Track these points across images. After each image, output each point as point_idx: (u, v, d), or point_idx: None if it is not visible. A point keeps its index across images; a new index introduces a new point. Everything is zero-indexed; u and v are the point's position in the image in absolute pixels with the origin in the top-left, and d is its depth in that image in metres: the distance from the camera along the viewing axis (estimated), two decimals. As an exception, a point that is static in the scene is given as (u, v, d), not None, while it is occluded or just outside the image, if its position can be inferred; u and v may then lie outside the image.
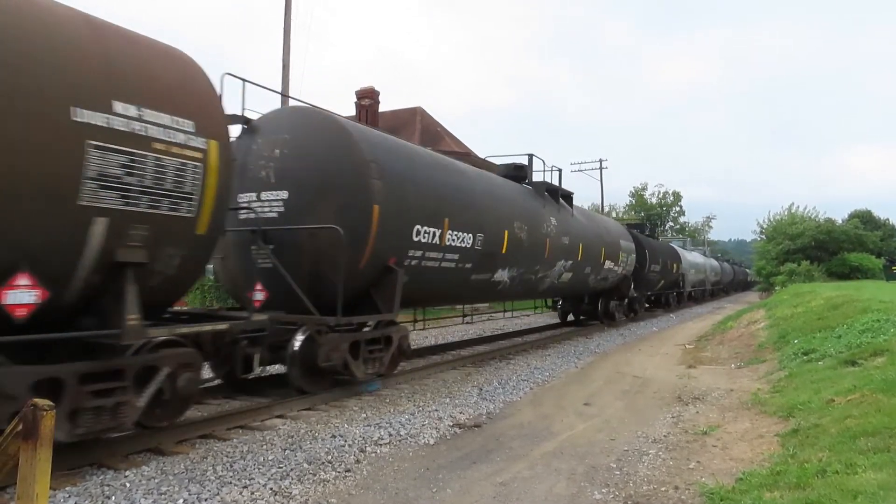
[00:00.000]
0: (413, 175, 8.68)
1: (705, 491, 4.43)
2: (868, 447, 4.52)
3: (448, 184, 9.51)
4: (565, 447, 5.82)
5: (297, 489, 4.62)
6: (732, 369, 10.58)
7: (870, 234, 42.24)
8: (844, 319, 11.23)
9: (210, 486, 4.61)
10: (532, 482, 4.84)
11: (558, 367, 10.85)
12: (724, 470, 4.97)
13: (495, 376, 9.63)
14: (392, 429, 6.34)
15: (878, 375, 6.56)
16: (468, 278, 10.05)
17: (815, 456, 4.63)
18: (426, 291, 9.56)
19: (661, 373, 10.37)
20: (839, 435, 4.98)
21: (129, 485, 4.59)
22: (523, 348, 13.20)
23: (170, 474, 4.84)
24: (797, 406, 6.36)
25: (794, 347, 10.35)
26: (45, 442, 3.10)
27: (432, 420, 6.77)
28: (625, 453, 5.60)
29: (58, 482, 4.45)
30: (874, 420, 5.04)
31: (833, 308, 13.45)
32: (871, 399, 5.75)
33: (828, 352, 8.99)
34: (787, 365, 9.28)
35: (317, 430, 6.25)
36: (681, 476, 4.91)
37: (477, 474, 5.04)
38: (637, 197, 72.86)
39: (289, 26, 17.93)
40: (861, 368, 7.42)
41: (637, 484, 4.77)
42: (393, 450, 5.72)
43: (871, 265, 36.92)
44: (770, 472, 4.53)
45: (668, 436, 6.18)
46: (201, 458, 5.29)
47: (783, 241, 37.23)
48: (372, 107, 24.97)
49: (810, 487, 4.01)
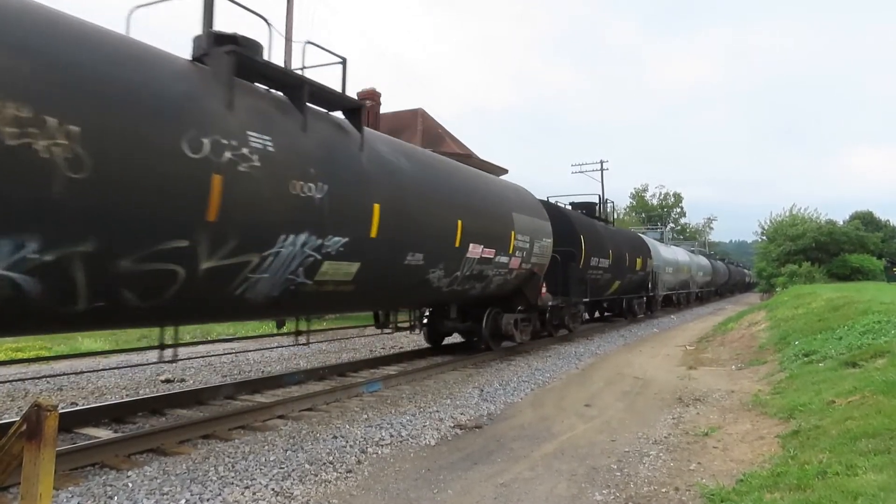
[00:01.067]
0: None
1: (706, 492, 4.44)
2: (869, 449, 4.53)
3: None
4: (566, 448, 5.83)
5: (298, 490, 4.63)
6: (733, 370, 10.58)
7: (871, 236, 42.24)
8: (845, 321, 11.23)
9: (212, 486, 4.62)
10: (533, 483, 4.85)
11: (559, 368, 10.86)
12: (725, 471, 4.98)
13: (496, 377, 9.64)
14: (393, 429, 6.35)
15: (879, 377, 6.56)
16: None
17: (816, 457, 4.64)
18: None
19: (662, 374, 10.38)
20: (840, 436, 4.98)
21: (132, 485, 4.61)
22: (525, 350, 13.20)
23: (172, 474, 4.86)
24: (798, 407, 6.36)
25: (795, 349, 10.35)
26: (49, 442, 3.12)
27: (433, 421, 6.78)
28: (625, 454, 5.61)
29: (60, 482, 4.47)
30: (875, 422, 5.04)
31: (834, 309, 13.44)
32: (872, 401, 5.76)
33: (829, 353, 8.99)
34: (787, 366, 9.28)
35: (318, 431, 6.26)
36: (681, 477, 4.92)
37: (478, 475, 5.05)
38: (638, 198, 72.83)
39: (290, 28, 17.96)
40: (862, 370, 7.42)
41: (638, 485, 4.78)
42: (394, 450, 5.73)
43: (872, 266, 36.95)
44: (770, 474, 4.54)
45: (668, 437, 6.19)
46: (203, 459, 5.30)
47: (784, 243, 37.26)
48: (373, 108, 24.98)
49: (811, 489, 4.02)
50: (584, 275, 15.46)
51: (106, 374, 9.36)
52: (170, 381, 9.06)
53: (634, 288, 21.45)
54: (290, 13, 17.96)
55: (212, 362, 10.84)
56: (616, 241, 18.64)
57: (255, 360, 11.18)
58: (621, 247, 18.97)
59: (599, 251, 16.53)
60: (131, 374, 9.55)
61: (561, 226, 14.11)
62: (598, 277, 16.79)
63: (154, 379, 9.18)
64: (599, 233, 17.32)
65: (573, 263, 14.69)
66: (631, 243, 20.67)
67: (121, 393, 8.18)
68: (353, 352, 12.74)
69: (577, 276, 14.85)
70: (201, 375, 9.60)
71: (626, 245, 19.84)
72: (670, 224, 72.56)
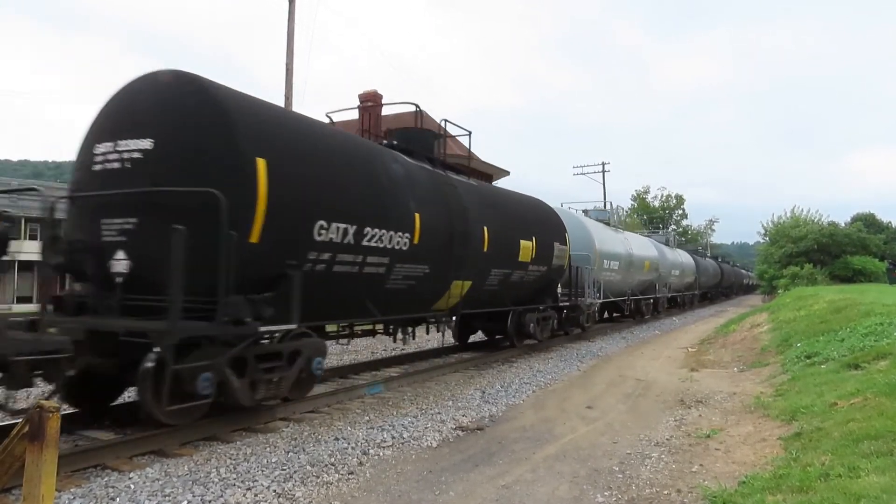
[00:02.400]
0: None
1: (708, 494, 4.43)
2: (871, 451, 4.52)
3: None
4: (568, 450, 5.82)
5: (300, 491, 4.63)
6: (735, 372, 10.57)
7: (873, 238, 42.19)
8: (847, 323, 11.21)
9: (214, 488, 4.63)
10: (534, 485, 4.85)
11: (561, 370, 10.85)
12: (727, 473, 4.97)
13: (498, 379, 9.64)
14: (395, 431, 6.35)
15: (882, 379, 6.55)
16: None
17: (818, 459, 4.63)
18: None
19: (664, 376, 10.37)
20: (842, 438, 4.97)
21: (134, 486, 4.61)
22: (526, 351, 13.19)
23: (173, 476, 4.86)
24: (800, 409, 6.35)
25: (797, 351, 10.33)
26: (51, 443, 3.12)
27: (435, 423, 6.78)
28: (627, 456, 5.60)
29: (63, 483, 4.48)
30: (877, 424, 5.03)
31: (836, 311, 13.42)
32: (875, 403, 5.75)
33: (831, 355, 8.98)
34: (789, 368, 9.27)
35: (320, 433, 6.26)
36: (683, 479, 4.92)
37: (479, 477, 5.05)
38: (639, 200, 72.72)
39: (292, 29, 18.00)
40: (864, 372, 7.41)
41: (640, 487, 4.77)
42: (396, 452, 5.73)
43: (874, 268, 36.90)
44: (773, 476, 4.53)
45: (670, 439, 6.18)
46: (205, 461, 5.31)
47: (786, 244, 37.19)
48: (374, 110, 25.03)
49: (813, 491, 4.01)
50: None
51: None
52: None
53: (522, 295, 17.01)
54: (292, 15, 18.00)
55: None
56: (475, 200, 16.21)
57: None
58: (476, 209, 17.33)
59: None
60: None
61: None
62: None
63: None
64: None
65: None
66: (522, 214, 13.12)
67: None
68: (355, 353, 12.75)
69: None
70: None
71: (503, 213, 16.02)
72: (672, 226, 72.49)
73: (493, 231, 10.36)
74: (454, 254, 9.25)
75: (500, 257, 10.72)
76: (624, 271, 19.48)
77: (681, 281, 29.49)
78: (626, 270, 19.75)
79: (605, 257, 15.90)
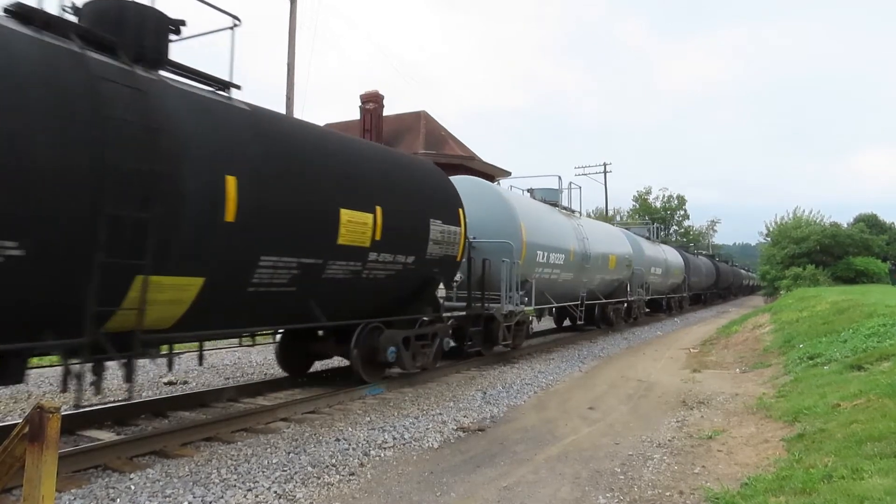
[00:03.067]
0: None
1: (710, 496, 4.41)
2: (874, 452, 4.50)
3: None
4: (570, 451, 5.81)
5: (301, 492, 4.62)
6: (737, 373, 10.54)
7: (875, 238, 42.11)
8: (850, 324, 11.19)
9: (214, 488, 4.62)
10: (536, 486, 4.83)
11: (562, 371, 10.83)
12: (730, 475, 4.96)
13: (499, 380, 9.62)
14: (396, 432, 6.33)
15: (885, 380, 6.53)
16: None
17: (821, 461, 4.61)
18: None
19: (666, 377, 10.35)
20: (845, 440, 4.95)
21: (134, 487, 4.60)
22: (527, 352, 13.17)
23: (174, 477, 4.85)
24: (803, 411, 6.33)
25: (800, 352, 10.31)
26: (51, 444, 3.11)
27: (436, 424, 6.77)
28: (629, 458, 5.58)
29: (63, 484, 4.47)
30: (880, 425, 5.01)
31: (839, 312, 13.39)
32: (878, 404, 5.72)
33: (833, 356, 8.95)
34: (792, 369, 9.24)
35: (321, 434, 6.25)
36: (686, 481, 4.90)
37: (481, 478, 5.03)
38: (641, 201, 72.61)
39: (293, 29, 17.99)
40: (867, 373, 7.39)
41: (642, 489, 4.76)
42: (397, 453, 5.72)
43: (876, 269, 36.83)
44: (775, 477, 4.51)
45: (672, 440, 6.16)
46: (206, 461, 5.30)
47: (788, 245, 37.12)
48: (376, 111, 25.02)
49: (816, 493, 3.99)
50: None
51: (109, 376, 9.34)
52: (172, 383, 9.06)
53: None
54: (294, 15, 18.00)
55: (214, 364, 10.84)
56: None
57: (257, 363, 11.17)
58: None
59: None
60: (134, 376, 9.53)
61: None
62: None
63: (157, 381, 9.18)
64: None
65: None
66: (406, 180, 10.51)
67: (124, 394, 8.17)
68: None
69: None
70: (204, 378, 9.60)
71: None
72: (674, 227, 72.35)
73: (254, 185, 5.93)
74: (120, 218, 4.70)
75: (278, 235, 6.28)
76: (576, 268, 14.77)
77: (664, 281, 24.88)
78: (579, 267, 14.97)
79: (540, 249, 12.02)
